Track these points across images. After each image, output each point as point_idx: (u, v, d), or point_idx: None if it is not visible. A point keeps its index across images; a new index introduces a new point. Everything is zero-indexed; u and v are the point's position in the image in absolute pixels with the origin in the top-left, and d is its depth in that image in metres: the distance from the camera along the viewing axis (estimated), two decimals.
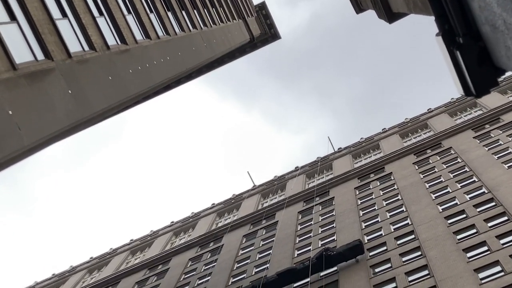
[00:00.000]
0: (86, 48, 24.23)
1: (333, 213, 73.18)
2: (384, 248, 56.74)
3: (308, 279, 56.76)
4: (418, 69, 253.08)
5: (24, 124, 15.35)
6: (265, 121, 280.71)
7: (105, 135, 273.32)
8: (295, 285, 57.91)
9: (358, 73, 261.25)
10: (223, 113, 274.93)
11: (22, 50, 18.76)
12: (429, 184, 67.79)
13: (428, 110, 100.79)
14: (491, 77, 8.28)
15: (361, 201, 73.22)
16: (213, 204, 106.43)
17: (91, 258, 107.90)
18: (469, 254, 48.48)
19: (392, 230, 59.81)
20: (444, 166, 71.44)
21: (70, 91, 19.78)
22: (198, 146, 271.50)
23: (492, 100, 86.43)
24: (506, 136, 71.23)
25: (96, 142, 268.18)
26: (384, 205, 67.93)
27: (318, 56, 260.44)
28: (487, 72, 8.24)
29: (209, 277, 71.13)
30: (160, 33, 36.84)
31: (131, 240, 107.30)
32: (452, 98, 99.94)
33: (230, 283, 66.65)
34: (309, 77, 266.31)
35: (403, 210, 63.69)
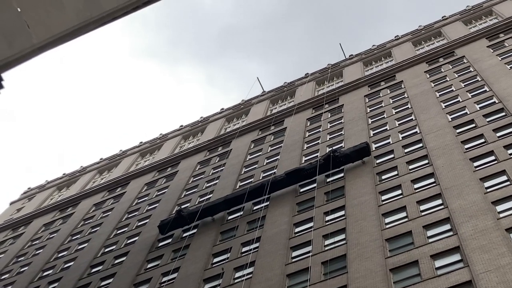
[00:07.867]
0: None
1: (342, 120, 73.26)
2: (391, 156, 57.08)
3: (315, 184, 57.52)
4: None
5: (33, 22, 15.09)
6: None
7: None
8: (301, 190, 58.72)
9: None
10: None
11: None
12: (440, 93, 67.36)
13: (442, 17, 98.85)
14: None
15: (371, 109, 73.09)
16: (222, 109, 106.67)
17: (101, 159, 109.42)
18: (476, 163, 48.75)
19: (400, 138, 59.98)
20: (456, 75, 70.73)
21: None
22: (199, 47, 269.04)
23: (508, 8, 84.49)
24: None
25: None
26: (393, 113, 67.81)
27: None
28: None
29: (217, 181, 72.27)
30: None
31: (141, 142, 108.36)
32: (467, 6, 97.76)
33: (237, 187, 67.73)
34: None
35: (412, 119, 63.60)
